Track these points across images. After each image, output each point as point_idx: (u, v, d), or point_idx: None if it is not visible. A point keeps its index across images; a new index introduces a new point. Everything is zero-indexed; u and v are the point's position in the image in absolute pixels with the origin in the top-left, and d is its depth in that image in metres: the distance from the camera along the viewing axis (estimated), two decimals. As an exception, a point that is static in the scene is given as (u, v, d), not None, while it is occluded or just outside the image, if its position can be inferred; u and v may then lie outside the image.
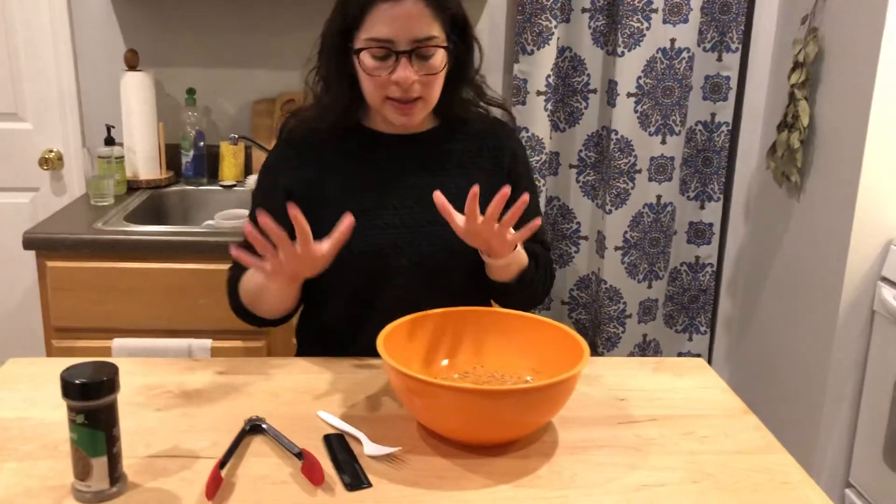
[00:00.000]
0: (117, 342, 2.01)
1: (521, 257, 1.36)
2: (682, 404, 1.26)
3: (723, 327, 2.83)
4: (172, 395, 1.24)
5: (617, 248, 2.57)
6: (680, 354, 2.82)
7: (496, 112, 1.53)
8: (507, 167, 1.48)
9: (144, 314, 2.02)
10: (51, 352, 2.03)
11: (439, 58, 1.32)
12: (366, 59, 1.31)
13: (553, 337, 1.21)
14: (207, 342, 2.02)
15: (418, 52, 1.30)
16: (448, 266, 1.40)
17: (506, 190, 1.18)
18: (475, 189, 1.17)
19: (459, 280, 1.41)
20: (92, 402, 0.95)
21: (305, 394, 1.26)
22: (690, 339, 2.81)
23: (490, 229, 1.21)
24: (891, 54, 1.98)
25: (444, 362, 1.25)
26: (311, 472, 1.03)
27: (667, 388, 1.31)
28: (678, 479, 1.06)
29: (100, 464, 0.97)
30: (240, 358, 1.43)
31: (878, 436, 2.13)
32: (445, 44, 1.33)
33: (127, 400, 1.21)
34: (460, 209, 1.22)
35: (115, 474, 0.99)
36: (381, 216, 1.39)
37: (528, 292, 1.44)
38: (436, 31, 1.31)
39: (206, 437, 1.12)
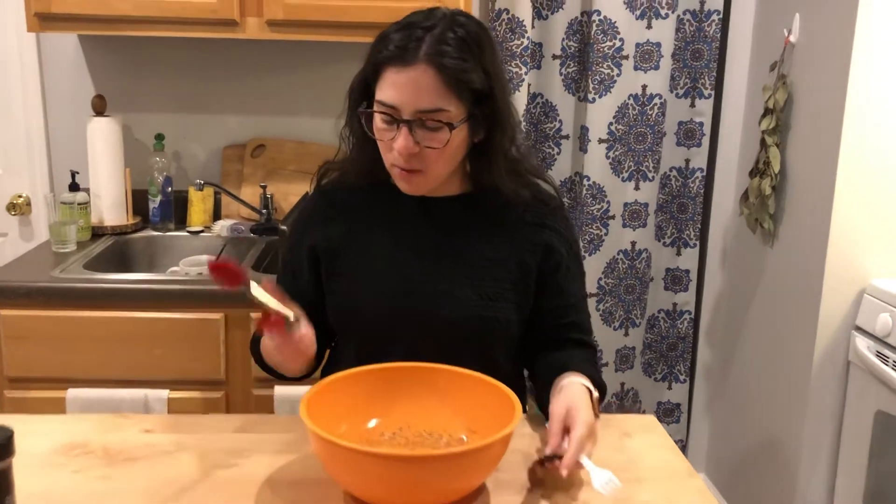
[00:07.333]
0: (71, 392, 1.96)
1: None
2: (626, 466, 1.20)
3: (702, 375, 2.78)
4: (93, 456, 1.19)
5: (591, 295, 2.53)
6: (659, 404, 2.76)
7: (549, 188, 1.41)
8: (546, 246, 1.35)
9: (100, 364, 1.97)
10: (3, 403, 1.98)
11: (446, 132, 1.21)
12: (375, 120, 1.24)
13: (487, 394, 1.16)
14: (164, 392, 1.97)
15: (423, 122, 1.20)
16: (455, 337, 1.30)
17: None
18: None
19: (465, 353, 1.29)
20: (-18, 469, 0.90)
21: (233, 455, 1.21)
22: (670, 387, 2.75)
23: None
24: (857, 100, 1.96)
25: (373, 422, 1.20)
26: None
27: (613, 448, 1.25)
28: (610, 549, 1.01)
29: (-8, 535, 0.92)
30: (171, 415, 1.38)
31: (857, 487, 2.07)
32: (459, 119, 1.21)
33: (43, 461, 1.17)
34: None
35: (11, 547, 0.94)
36: (391, 277, 1.32)
37: None
38: (449, 104, 1.19)
39: None
